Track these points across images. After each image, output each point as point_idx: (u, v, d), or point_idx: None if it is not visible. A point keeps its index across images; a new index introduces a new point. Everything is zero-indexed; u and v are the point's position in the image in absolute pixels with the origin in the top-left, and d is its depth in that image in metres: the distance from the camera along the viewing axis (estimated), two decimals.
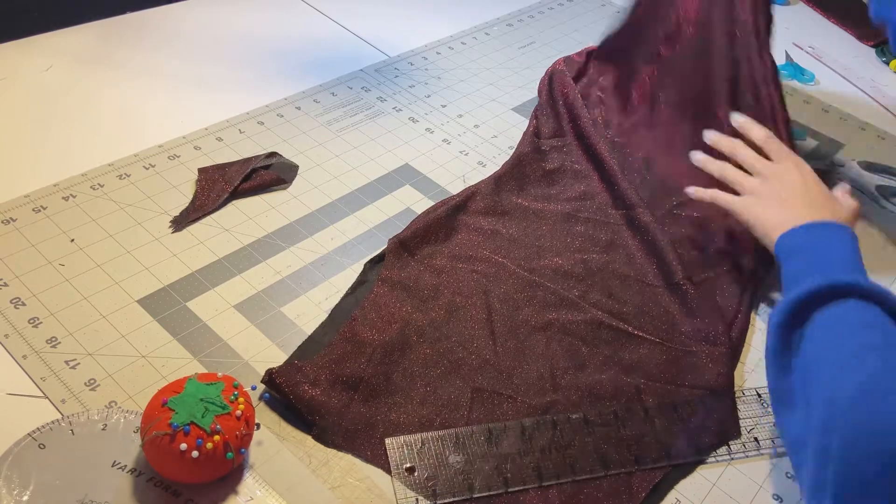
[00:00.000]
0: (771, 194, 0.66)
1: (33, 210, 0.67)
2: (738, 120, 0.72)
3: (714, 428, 0.59)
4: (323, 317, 0.62)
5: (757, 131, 0.71)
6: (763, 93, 0.75)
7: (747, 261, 0.73)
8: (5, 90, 0.80)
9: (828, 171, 0.90)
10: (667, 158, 0.82)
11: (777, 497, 0.56)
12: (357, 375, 0.57)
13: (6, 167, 0.71)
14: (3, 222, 0.65)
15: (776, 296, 0.73)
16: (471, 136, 0.87)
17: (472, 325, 0.63)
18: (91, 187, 0.70)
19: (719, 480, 0.56)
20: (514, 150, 0.84)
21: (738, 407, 0.61)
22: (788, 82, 1.06)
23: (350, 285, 0.65)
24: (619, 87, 0.88)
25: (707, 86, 0.78)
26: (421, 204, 0.76)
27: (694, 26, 0.79)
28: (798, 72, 1.07)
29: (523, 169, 0.81)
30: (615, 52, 0.89)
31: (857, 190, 0.88)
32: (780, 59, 1.10)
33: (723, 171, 0.70)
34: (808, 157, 0.92)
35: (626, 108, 0.86)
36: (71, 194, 0.69)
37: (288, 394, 0.54)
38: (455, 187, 0.78)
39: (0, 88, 0.80)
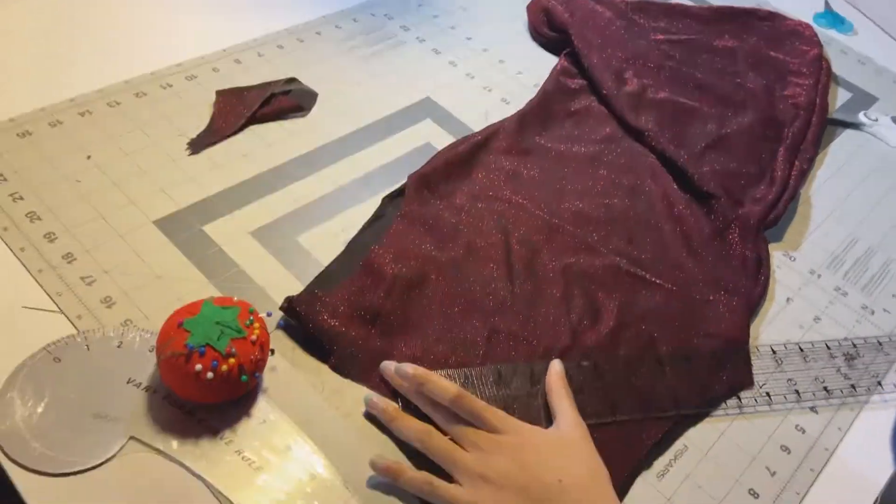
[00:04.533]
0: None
1: (49, 124, 0.66)
2: (406, 371, 0.51)
3: (727, 379, 0.58)
4: (339, 248, 0.62)
5: (444, 386, 0.50)
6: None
7: (773, 211, 0.72)
8: (23, 2, 0.78)
9: (856, 127, 0.88)
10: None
11: (785, 448, 0.56)
12: (375, 309, 0.56)
13: (22, 79, 0.70)
14: (18, 135, 0.64)
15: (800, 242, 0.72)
16: (496, 72, 0.84)
17: (491, 266, 0.62)
18: (108, 104, 0.69)
19: (728, 430, 0.56)
20: (539, 87, 0.82)
21: (753, 361, 0.60)
22: (826, 31, 1.02)
23: (367, 219, 0.64)
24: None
25: None
26: (441, 139, 0.74)
27: None
28: (836, 21, 1.04)
29: (548, 108, 0.79)
30: None
31: (891, 147, 0.86)
32: (818, 7, 1.06)
33: (422, 439, 0.49)
34: (841, 110, 0.90)
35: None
36: (87, 110, 0.68)
37: (307, 322, 0.54)
38: (477, 124, 0.77)
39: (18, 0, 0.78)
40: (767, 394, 0.59)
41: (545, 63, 0.87)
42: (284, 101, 0.73)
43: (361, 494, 0.48)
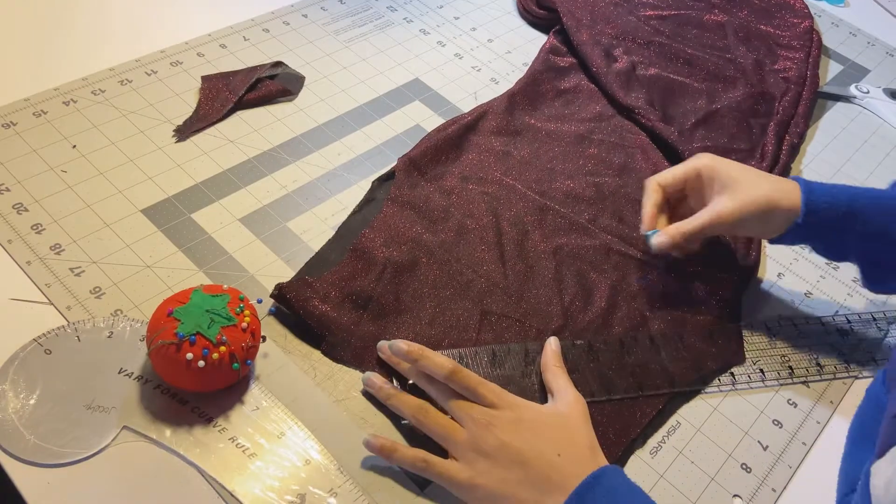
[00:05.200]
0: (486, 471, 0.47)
1: (34, 114, 0.65)
2: (401, 347, 0.50)
3: (719, 355, 0.59)
4: (329, 233, 0.61)
5: (440, 362, 0.49)
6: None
7: None
8: None
9: (847, 100, 0.87)
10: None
11: (777, 422, 0.56)
12: (367, 293, 0.56)
13: (5, 69, 0.69)
14: (3, 126, 0.64)
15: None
16: (484, 51, 0.83)
17: (482, 248, 0.62)
18: (92, 92, 0.68)
19: (720, 405, 0.57)
20: (528, 66, 0.81)
21: (745, 337, 0.61)
22: (817, 3, 1.02)
23: (357, 203, 0.64)
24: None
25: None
26: (431, 121, 0.74)
27: None
28: None
29: (538, 87, 0.78)
30: None
31: (882, 120, 0.86)
32: None
33: (416, 413, 0.49)
34: (832, 82, 0.89)
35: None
36: (72, 99, 0.67)
37: (298, 308, 0.54)
38: (466, 104, 0.76)
39: None
40: (761, 370, 0.59)
41: (534, 42, 0.86)
42: (271, 85, 0.72)
43: (356, 479, 0.48)
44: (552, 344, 0.55)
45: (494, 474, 0.46)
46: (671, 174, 0.61)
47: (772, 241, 0.59)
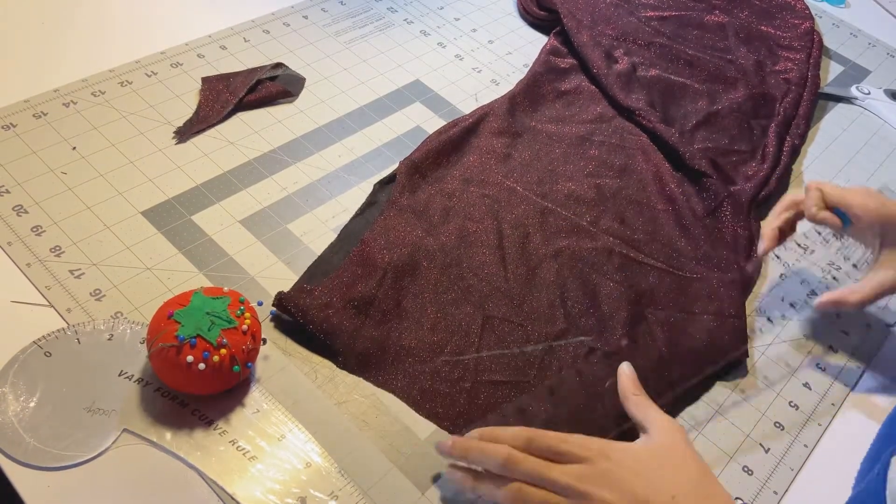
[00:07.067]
0: None
1: (34, 116, 0.65)
2: (443, 448, 0.47)
3: (721, 357, 0.58)
4: (330, 235, 0.61)
5: (493, 454, 0.44)
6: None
7: (765, 188, 0.71)
8: None
9: (848, 102, 0.87)
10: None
11: (778, 425, 0.56)
12: (368, 299, 0.56)
13: (5, 71, 0.69)
14: (3, 127, 0.64)
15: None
16: (485, 52, 0.83)
17: (483, 252, 0.62)
18: (92, 94, 0.68)
19: (722, 407, 0.56)
20: (528, 68, 0.81)
21: (748, 336, 0.60)
22: (818, 4, 1.01)
23: (358, 205, 0.64)
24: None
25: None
26: (431, 122, 0.73)
27: None
28: None
29: (538, 89, 0.78)
30: None
31: (883, 121, 0.86)
32: None
33: (518, 492, 0.44)
34: (833, 83, 0.89)
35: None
36: (72, 101, 0.67)
37: (299, 317, 0.54)
38: (467, 106, 0.76)
39: None
40: (764, 375, 0.59)
41: (534, 43, 0.86)
42: (271, 86, 0.72)
43: (357, 482, 0.48)
44: (626, 370, 0.51)
45: None
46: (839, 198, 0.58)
47: None
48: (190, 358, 0.46)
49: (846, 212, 0.58)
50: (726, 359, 0.58)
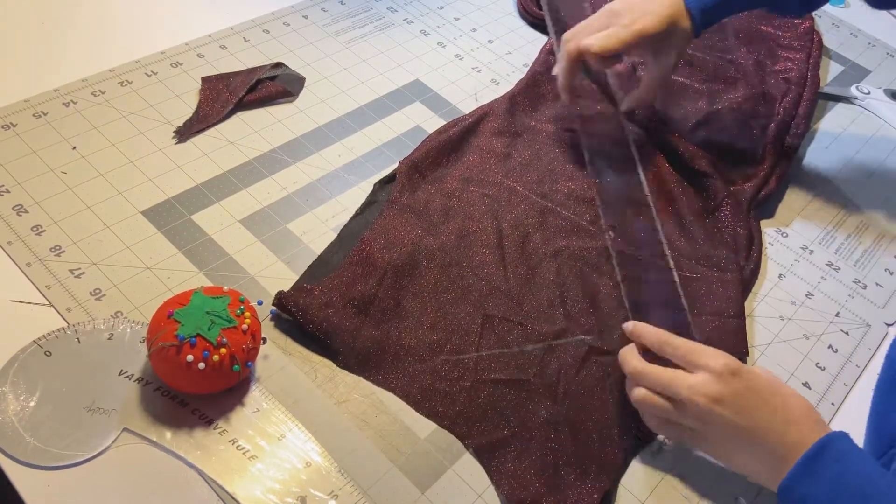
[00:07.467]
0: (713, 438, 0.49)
1: (34, 115, 0.65)
2: (628, 328, 0.53)
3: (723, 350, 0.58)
4: (330, 234, 0.61)
5: (649, 336, 0.51)
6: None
7: (764, 188, 0.72)
8: None
9: (847, 101, 0.87)
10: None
11: None
12: (368, 298, 0.56)
13: (5, 70, 0.69)
14: (2, 127, 0.64)
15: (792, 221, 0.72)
16: (484, 52, 0.83)
17: (483, 251, 0.62)
18: (92, 93, 0.68)
19: None
20: (528, 67, 0.81)
21: (747, 338, 0.60)
22: None
23: (358, 205, 0.64)
24: None
25: None
26: (431, 122, 0.73)
27: None
28: None
29: (538, 89, 0.78)
30: None
31: (883, 120, 0.86)
32: None
33: (643, 401, 0.50)
34: (833, 83, 0.89)
35: None
36: (72, 100, 0.67)
37: (299, 316, 0.54)
38: (467, 105, 0.76)
39: None
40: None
41: (534, 42, 0.86)
42: (271, 86, 0.72)
43: (357, 481, 0.48)
44: (636, 327, 0.52)
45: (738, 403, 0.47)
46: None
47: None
48: (190, 357, 0.46)
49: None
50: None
